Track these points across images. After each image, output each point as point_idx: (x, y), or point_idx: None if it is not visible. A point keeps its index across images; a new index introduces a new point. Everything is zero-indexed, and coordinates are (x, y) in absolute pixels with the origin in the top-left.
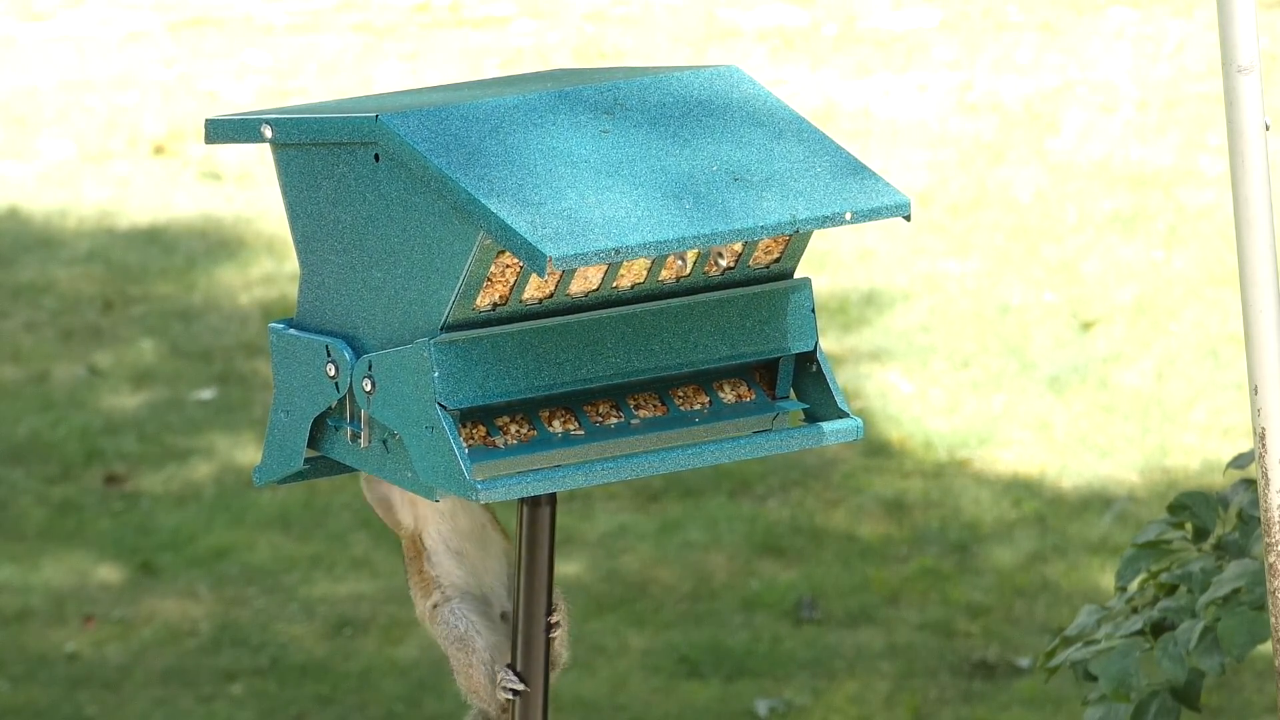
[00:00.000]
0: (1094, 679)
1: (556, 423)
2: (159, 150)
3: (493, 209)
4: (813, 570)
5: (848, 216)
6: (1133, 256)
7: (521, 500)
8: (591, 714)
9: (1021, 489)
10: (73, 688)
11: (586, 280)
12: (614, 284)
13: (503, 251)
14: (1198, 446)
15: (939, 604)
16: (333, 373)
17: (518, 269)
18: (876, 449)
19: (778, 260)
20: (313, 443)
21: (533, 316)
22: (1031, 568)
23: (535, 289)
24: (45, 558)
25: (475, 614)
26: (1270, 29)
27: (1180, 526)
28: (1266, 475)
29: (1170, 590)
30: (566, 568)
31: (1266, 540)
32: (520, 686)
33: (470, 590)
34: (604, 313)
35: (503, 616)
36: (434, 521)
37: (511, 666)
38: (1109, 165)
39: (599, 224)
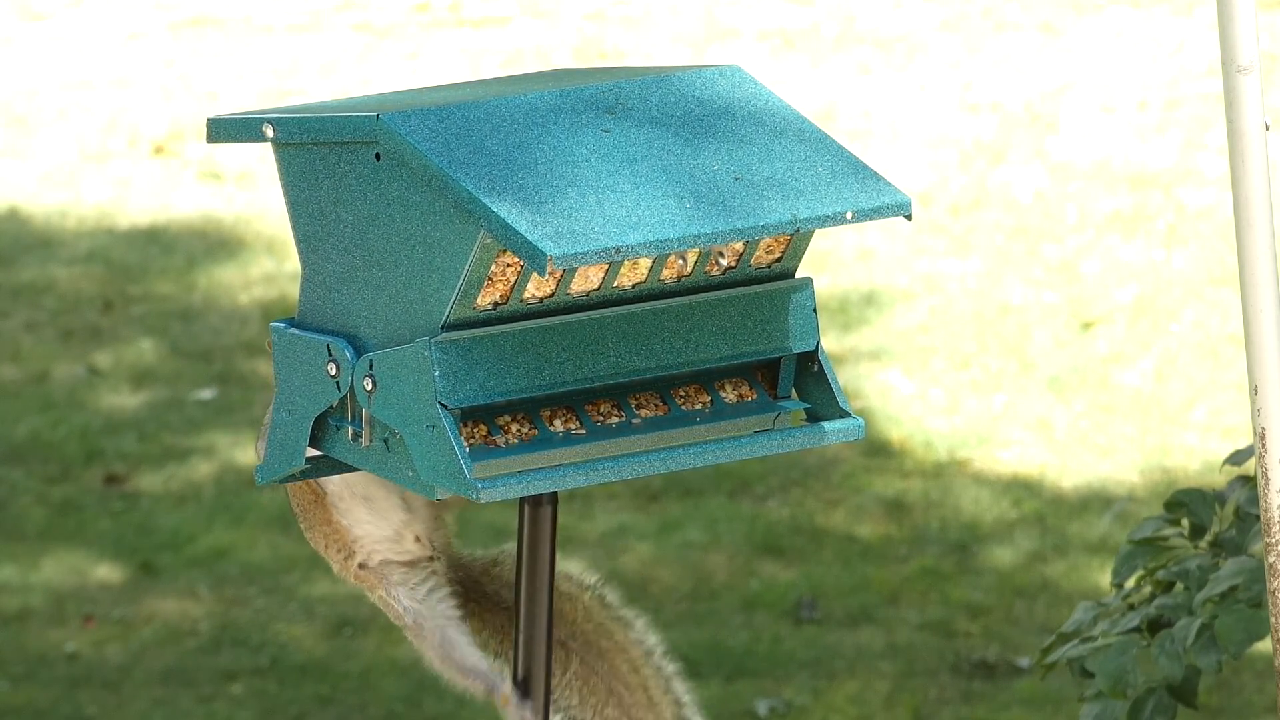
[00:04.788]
0: (1091, 676)
1: (558, 422)
2: (159, 150)
3: (493, 208)
4: (813, 570)
5: (849, 216)
6: (1133, 256)
7: (523, 500)
8: None
9: (1021, 489)
10: (73, 688)
11: (587, 279)
12: (615, 283)
13: (504, 250)
14: (1198, 446)
15: (939, 604)
16: (334, 372)
17: (518, 268)
18: (876, 449)
19: (779, 260)
20: (314, 442)
21: (534, 316)
22: (1031, 567)
23: (536, 288)
24: (45, 558)
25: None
26: (1270, 29)
27: (1176, 523)
28: (1266, 475)
29: (1167, 587)
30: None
31: (1267, 540)
32: (528, 715)
33: (384, 546)
34: (605, 312)
35: (416, 539)
36: None
37: (514, 677)
38: (1109, 165)
39: (600, 223)
